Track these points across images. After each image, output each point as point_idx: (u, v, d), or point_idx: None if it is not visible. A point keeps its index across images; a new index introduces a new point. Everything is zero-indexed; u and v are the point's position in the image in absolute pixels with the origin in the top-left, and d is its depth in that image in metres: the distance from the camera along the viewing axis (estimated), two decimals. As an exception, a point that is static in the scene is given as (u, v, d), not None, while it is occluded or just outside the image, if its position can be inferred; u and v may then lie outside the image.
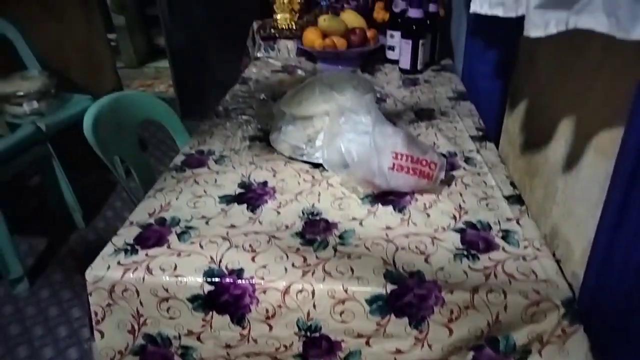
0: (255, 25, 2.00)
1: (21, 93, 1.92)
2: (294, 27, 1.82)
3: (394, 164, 0.82)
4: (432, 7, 1.51)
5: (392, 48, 1.61)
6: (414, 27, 1.47)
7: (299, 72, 1.57)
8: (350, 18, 1.59)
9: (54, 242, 2.00)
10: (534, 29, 0.64)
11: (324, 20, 1.52)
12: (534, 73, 1.01)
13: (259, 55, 1.81)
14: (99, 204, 2.25)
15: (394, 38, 1.58)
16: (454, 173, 0.94)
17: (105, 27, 3.33)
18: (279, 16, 1.83)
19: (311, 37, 1.54)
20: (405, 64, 1.52)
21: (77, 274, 1.81)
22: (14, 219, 1.71)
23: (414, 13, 1.45)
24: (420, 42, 1.49)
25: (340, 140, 0.85)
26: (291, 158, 0.99)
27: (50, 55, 2.75)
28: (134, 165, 1.17)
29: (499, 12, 0.74)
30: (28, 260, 1.88)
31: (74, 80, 2.96)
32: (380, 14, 1.72)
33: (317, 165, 0.96)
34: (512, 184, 0.91)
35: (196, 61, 2.54)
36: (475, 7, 0.80)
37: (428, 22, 1.49)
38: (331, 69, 1.59)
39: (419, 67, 1.53)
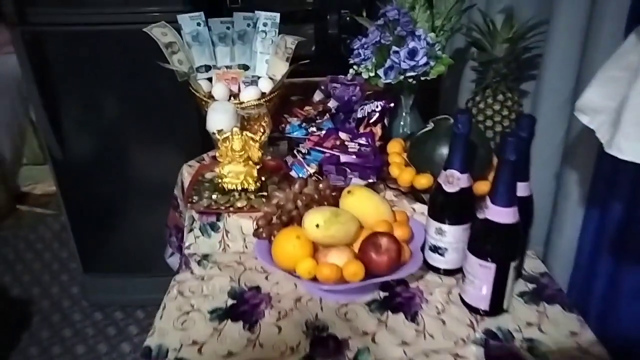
0: (185, 173, 1.21)
1: None
2: (254, 190, 1.04)
3: None
4: (523, 189, 0.78)
5: (438, 250, 0.85)
6: (501, 238, 0.72)
7: (266, 314, 0.78)
8: (366, 207, 0.83)
9: None
10: None
11: (316, 227, 0.74)
12: None
13: (188, 244, 1.01)
14: None
15: (446, 236, 0.83)
16: None
17: None
18: (226, 169, 1.04)
19: (291, 250, 0.77)
20: (479, 300, 0.77)
21: None
22: None
23: (502, 216, 0.71)
24: (512, 265, 0.74)
25: None
26: None
27: None
28: None
29: None
30: None
31: None
32: (405, 175, 0.97)
33: None
34: None
35: (100, 208, 1.71)
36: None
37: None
38: (326, 296, 0.81)
39: (505, 306, 0.78)
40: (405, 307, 0.80)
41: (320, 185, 0.86)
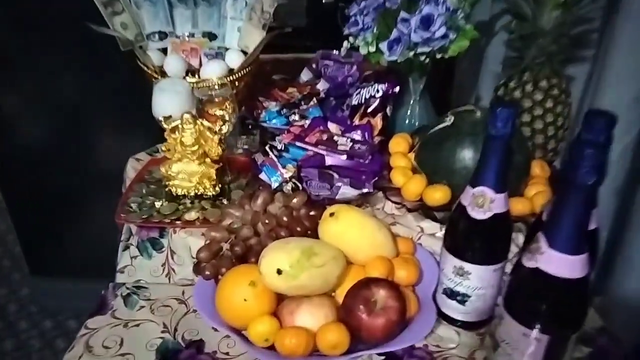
0: (130, 169, 0.95)
1: None
2: (211, 197, 0.79)
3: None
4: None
5: (457, 296, 0.60)
6: (562, 299, 0.47)
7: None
8: (356, 238, 0.57)
9: None
10: None
11: (278, 274, 0.49)
12: None
13: (122, 266, 0.76)
14: None
15: (469, 278, 0.58)
16: None
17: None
18: (175, 168, 0.79)
19: (239, 303, 0.51)
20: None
21: None
22: None
23: (566, 267, 0.45)
24: (574, 336, 0.49)
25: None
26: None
27: None
28: None
29: None
30: None
31: None
32: (412, 185, 0.72)
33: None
34: None
35: (48, 202, 1.45)
36: None
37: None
38: None
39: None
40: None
41: (294, 201, 0.61)
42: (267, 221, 0.58)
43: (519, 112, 0.72)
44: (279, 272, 0.49)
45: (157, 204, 0.79)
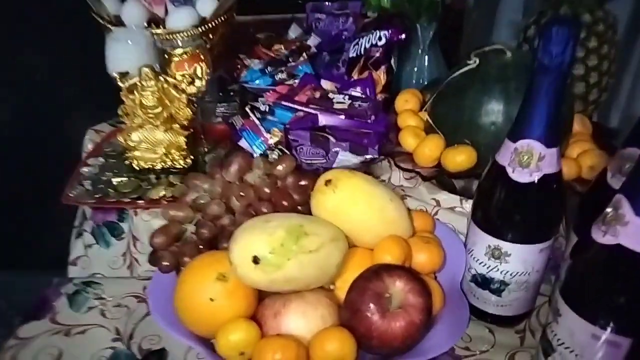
0: (88, 141, 0.80)
1: None
2: (181, 171, 0.66)
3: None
4: None
5: (490, 284, 0.47)
6: None
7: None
8: (361, 213, 0.43)
9: None
10: None
11: (255, 263, 0.35)
12: None
13: (75, 258, 0.62)
14: None
15: (507, 262, 0.44)
16: None
17: None
18: (135, 137, 0.65)
19: (204, 303, 0.37)
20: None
21: None
22: None
23: None
24: None
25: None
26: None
27: None
28: None
29: None
30: None
31: None
32: (427, 147, 0.58)
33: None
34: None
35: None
36: None
37: None
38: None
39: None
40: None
41: (278, 168, 0.47)
42: (242, 194, 0.44)
43: (580, 34, 0.57)
44: (256, 260, 0.35)
45: (115, 181, 0.65)
